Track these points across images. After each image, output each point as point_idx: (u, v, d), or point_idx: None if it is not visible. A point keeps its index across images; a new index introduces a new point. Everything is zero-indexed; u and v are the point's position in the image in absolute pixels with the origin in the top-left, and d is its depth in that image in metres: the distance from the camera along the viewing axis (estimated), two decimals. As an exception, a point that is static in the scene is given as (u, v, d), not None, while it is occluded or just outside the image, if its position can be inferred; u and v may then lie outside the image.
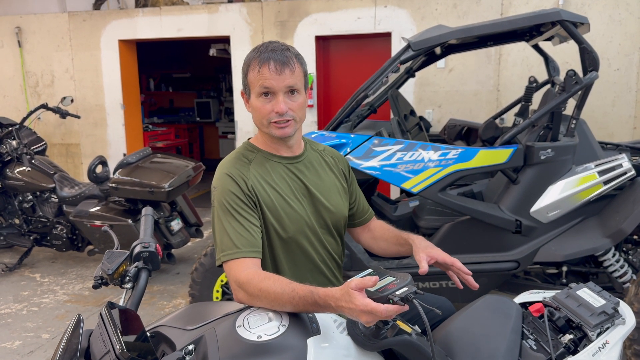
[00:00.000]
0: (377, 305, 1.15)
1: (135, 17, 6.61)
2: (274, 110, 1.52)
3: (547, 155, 2.91)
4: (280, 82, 1.50)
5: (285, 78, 1.50)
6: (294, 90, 1.54)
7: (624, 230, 2.76)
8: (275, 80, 1.50)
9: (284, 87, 1.51)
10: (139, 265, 1.36)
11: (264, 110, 1.53)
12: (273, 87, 1.50)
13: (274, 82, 1.50)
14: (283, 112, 1.51)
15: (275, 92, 1.51)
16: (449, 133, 4.74)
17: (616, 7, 5.17)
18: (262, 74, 1.50)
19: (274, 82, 1.50)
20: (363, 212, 1.84)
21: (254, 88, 1.54)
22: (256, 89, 1.53)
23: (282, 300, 1.29)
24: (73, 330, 1.22)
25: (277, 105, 1.51)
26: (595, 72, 2.86)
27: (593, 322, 1.48)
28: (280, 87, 1.50)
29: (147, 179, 4.44)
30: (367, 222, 1.87)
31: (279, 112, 1.51)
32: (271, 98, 1.52)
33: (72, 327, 1.24)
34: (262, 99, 1.53)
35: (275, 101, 1.51)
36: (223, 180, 1.52)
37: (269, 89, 1.51)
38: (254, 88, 1.53)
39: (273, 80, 1.50)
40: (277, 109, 1.51)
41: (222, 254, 1.46)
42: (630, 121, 5.33)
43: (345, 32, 5.93)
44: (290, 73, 1.52)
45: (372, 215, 1.89)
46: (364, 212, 1.84)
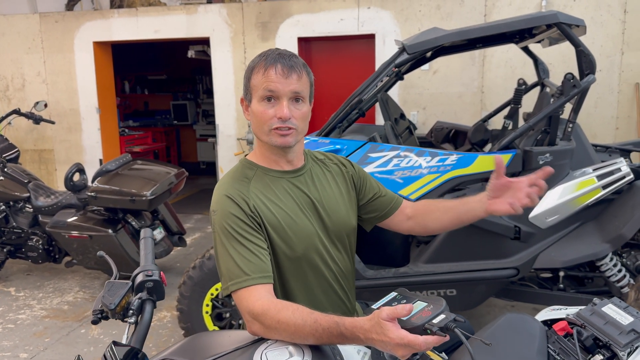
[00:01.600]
0: (414, 338, 1.04)
1: (110, 18, 6.39)
2: (276, 116, 1.41)
3: (545, 160, 2.86)
4: (285, 86, 1.40)
5: (292, 83, 1.41)
6: (299, 98, 1.44)
7: (624, 235, 2.73)
8: (281, 83, 1.40)
9: (289, 92, 1.41)
10: (142, 297, 1.23)
11: (266, 116, 1.42)
12: (278, 90, 1.40)
13: (279, 85, 1.40)
14: (286, 118, 1.40)
15: (280, 97, 1.41)
16: (436, 136, 4.68)
17: (598, 9, 5.20)
18: (267, 76, 1.40)
19: (280, 86, 1.40)
20: (391, 199, 1.71)
21: (256, 92, 1.43)
22: (259, 93, 1.42)
23: (303, 332, 1.18)
24: (72, 373, 1.09)
25: (280, 110, 1.40)
26: (592, 75, 2.82)
27: (623, 342, 1.41)
28: (285, 91, 1.40)
29: (127, 187, 4.27)
30: (399, 206, 1.72)
31: (282, 117, 1.40)
32: (274, 103, 1.42)
33: (72, 370, 1.11)
34: (265, 104, 1.42)
35: (278, 106, 1.41)
36: (223, 203, 1.40)
37: (274, 93, 1.40)
38: (257, 92, 1.43)
39: (279, 83, 1.39)
40: (279, 114, 1.40)
41: (231, 282, 1.34)
42: (612, 122, 5.37)
43: (328, 33, 5.84)
44: (297, 78, 1.42)
45: (402, 200, 1.75)
46: (392, 199, 1.71)
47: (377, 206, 1.69)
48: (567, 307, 1.64)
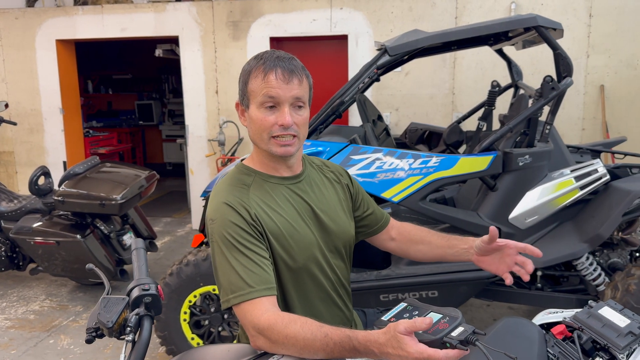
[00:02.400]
0: (434, 352, 1.01)
1: (74, 15, 6.17)
2: (277, 123, 1.36)
3: (525, 162, 2.90)
4: (287, 91, 1.35)
5: (293, 88, 1.35)
6: (300, 104, 1.39)
7: (602, 235, 2.78)
8: (282, 89, 1.34)
9: (290, 97, 1.35)
10: (140, 313, 1.15)
11: (266, 123, 1.36)
12: (279, 96, 1.34)
13: (280, 91, 1.34)
14: (288, 125, 1.35)
15: (281, 103, 1.36)
16: (410, 137, 4.70)
17: (564, 13, 5.32)
18: (267, 82, 1.34)
19: (281, 92, 1.34)
20: (380, 217, 1.70)
21: (255, 97, 1.37)
22: (258, 99, 1.36)
23: (313, 347, 1.14)
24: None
25: (281, 117, 1.35)
26: (569, 78, 2.87)
27: (621, 344, 1.42)
28: (286, 97, 1.35)
29: (96, 190, 4.12)
30: (387, 225, 1.72)
31: (283, 124, 1.35)
32: (275, 110, 1.36)
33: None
34: (265, 110, 1.36)
35: (279, 113, 1.36)
36: (222, 211, 1.33)
37: (275, 99, 1.35)
38: (256, 97, 1.37)
39: (280, 89, 1.34)
40: (281, 121, 1.35)
41: (233, 295, 1.27)
42: (579, 123, 5.51)
43: (300, 34, 5.79)
44: (298, 83, 1.37)
45: (389, 218, 1.74)
46: (381, 217, 1.70)
47: (368, 222, 1.68)
48: (563, 311, 1.64)
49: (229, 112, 6.14)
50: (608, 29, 5.29)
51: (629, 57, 5.29)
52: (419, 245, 1.68)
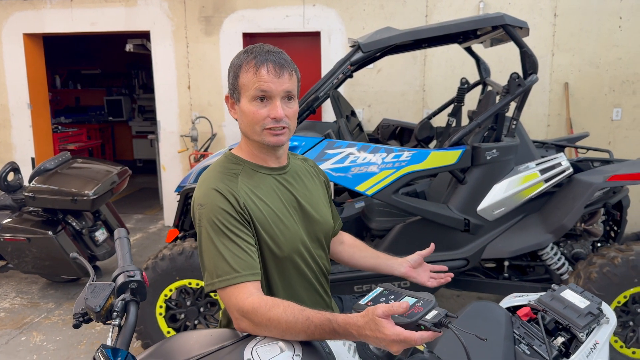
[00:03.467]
0: (410, 334, 1.06)
1: (42, 9, 6.05)
2: (269, 116, 1.40)
3: (492, 156, 3.00)
4: (278, 85, 1.39)
5: (284, 82, 1.40)
6: (290, 97, 1.43)
7: (566, 225, 2.91)
8: (273, 83, 1.39)
9: (282, 91, 1.40)
10: (126, 298, 1.19)
11: (259, 116, 1.41)
12: (271, 90, 1.39)
13: (272, 85, 1.38)
14: (280, 118, 1.40)
15: (273, 97, 1.40)
16: (382, 133, 4.78)
17: (531, 12, 5.48)
18: (259, 76, 1.38)
19: (272, 86, 1.39)
20: (336, 218, 1.77)
21: (247, 91, 1.41)
22: (250, 93, 1.40)
23: (295, 329, 1.19)
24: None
25: (273, 110, 1.39)
26: (535, 75, 2.99)
27: (582, 324, 1.52)
28: (278, 91, 1.39)
29: (68, 186, 4.09)
30: (338, 231, 1.81)
31: (276, 117, 1.40)
32: (267, 103, 1.41)
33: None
34: (257, 104, 1.41)
35: (271, 106, 1.40)
36: (211, 197, 1.37)
37: (266, 93, 1.39)
38: (248, 91, 1.41)
39: (271, 83, 1.38)
40: (273, 114, 1.39)
41: (218, 279, 1.31)
42: (545, 119, 5.69)
43: (273, 30, 5.81)
44: (289, 77, 1.41)
45: (341, 224, 1.83)
46: (337, 219, 1.78)
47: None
48: (528, 294, 1.74)
49: (201, 108, 6.12)
50: (572, 29, 5.47)
51: (591, 56, 5.49)
52: (362, 253, 1.81)
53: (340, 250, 1.82)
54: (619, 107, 5.57)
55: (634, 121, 5.56)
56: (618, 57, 5.47)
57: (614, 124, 5.60)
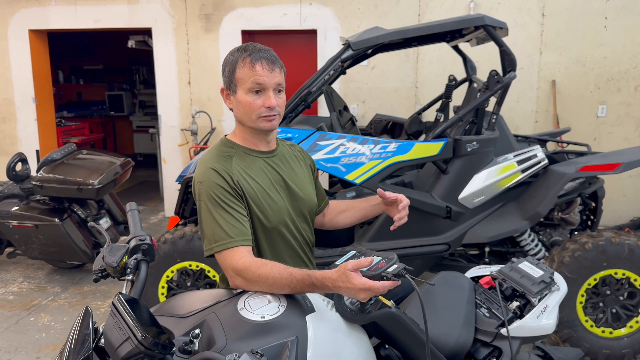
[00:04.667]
0: (374, 283, 1.29)
1: (47, 5, 6.25)
2: (264, 105, 1.62)
3: (472, 148, 3.21)
4: (271, 79, 1.61)
5: (276, 76, 1.63)
6: (280, 89, 1.66)
7: (540, 212, 3.12)
8: (267, 77, 1.61)
9: (274, 83, 1.62)
10: (138, 257, 1.40)
11: (255, 105, 1.62)
12: (265, 83, 1.60)
13: (266, 79, 1.60)
14: (274, 107, 1.62)
15: (266, 89, 1.62)
16: (375, 127, 4.99)
17: (519, 12, 5.69)
18: (255, 71, 1.60)
19: (266, 79, 1.60)
20: (322, 198, 1.99)
21: (243, 84, 1.62)
22: (247, 85, 1.62)
23: (280, 284, 1.40)
24: (82, 321, 1.25)
25: (267, 100, 1.61)
26: (513, 72, 3.19)
27: (535, 290, 1.73)
28: (271, 83, 1.62)
29: (74, 176, 4.29)
30: (326, 206, 2.02)
31: (270, 106, 1.61)
32: (261, 94, 1.62)
33: (81, 318, 1.27)
34: (252, 95, 1.62)
35: (265, 96, 1.62)
36: (209, 175, 1.58)
37: (261, 85, 1.61)
38: (244, 84, 1.62)
39: (266, 77, 1.60)
40: (268, 103, 1.61)
41: (216, 244, 1.52)
42: (532, 115, 5.90)
43: (271, 27, 6.02)
44: (279, 71, 1.64)
45: (328, 201, 2.04)
46: (322, 199, 1.99)
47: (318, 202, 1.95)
48: (491, 266, 1.95)
49: (201, 103, 6.33)
50: (559, 28, 5.68)
51: (578, 55, 5.70)
52: (344, 213, 2.00)
53: (324, 222, 2.02)
54: (604, 104, 5.78)
55: (618, 118, 5.78)
56: (603, 56, 5.68)
57: (599, 121, 5.81)
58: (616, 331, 3.14)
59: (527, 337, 1.68)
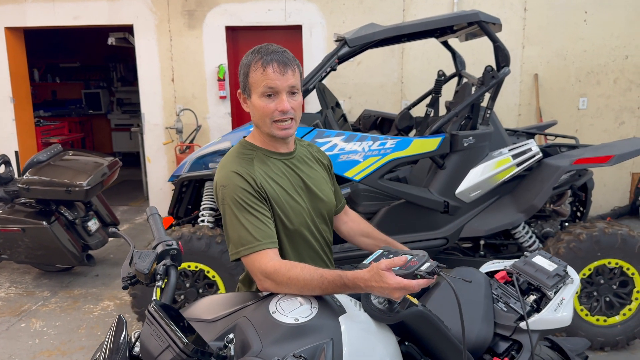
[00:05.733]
0: (409, 282, 1.30)
1: (24, 3, 6.08)
2: (277, 109, 1.58)
3: (469, 142, 3.25)
4: (283, 82, 1.57)
5: (288, 78, 1.58)
6: (294, 91, 1.62)
7: (535, 205, 3.18)
8: (279, 80, 1.57)
9: (287, 86, 1.58)
10: (167, 263, 1.38)
11: (267, 110, 1.59)
12: (277, 86, 1.57)
13: (278, 82, 1.57)
14: (287, 110, 1.58)
15: (279, 92, 1.58)
16: (364, 123, 5.00)
17: (502, 7, 5.76)
18: (266, 74, 1.57)
19: (278, 82, 1.57)
20: (340, 199, 1.97)
21: (256, 88, 1.59)
22: (259, 89, 1.59)
23: (311, 285, 1.40)
24: (116, 331, 1.23)
25: (280, 104, 1.58)
26: (507, 68, 3.24)
27: (550, 284, 1.76)
28: (283, 86, 1.58)
29: (61, 177, 4.21)
30: (342, 209, 2.00)
31: (283, 110, 1.58)
32: (274, 98, 1.59)
33: (115, 328, 1.24)
34: (265, 99, 1.59)
35: (278, 100, 1.59)
36: (232, 179, 1.56)
37: (273, 89, 1.57)
38: (257, 88, 1.59)
39: (277, 80, 1.56)
40: (280, 107, 1.58)
41: (243, 248, 1.50)
42: (515, 109, 5.99)
43: (255, 23, 5.97)
44: (292, 73, 1.60)
45: (345, 202, 2.03)
46: (340, 200, 1.98)
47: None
48: (503, 261, 1.98)
49: (185, 100, 6.25)
50: (541, 22, 5.77)
51: (559, 48, 5.80)
52: (364, 238, 1.99)
53: (343, 230, 2.00)
54: (584, 97, 5.90)
55: (598, 110, 5.91)
56: (584, 50, 5.80)
57: (580, 113, 5.93)
58: (610, 319, 3.23)
59: (545, 330, 1.72)
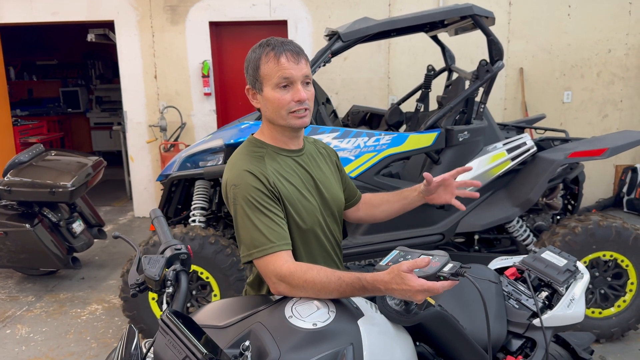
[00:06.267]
0: (432, 284, 1.24)
1: (-1, -2, 5.89)
2: (293, 100, 1.53)
3: (464, 137, 3.23)
4: (298, 71, 1.52)
5: (302, 67, 1.53)
6: (308, 81, 1.57)
7: (531, 199, 3.18)
8: (294, 69, 1.51)
9: (301, 76, 1.53)
10: (177, 269, 1.31)
11: (284, 101, 1.53)
12: (293, 76, 1.51)
13: (293, 71, 1.51)
14: (304, 100, 1.53)
15: (294, 82, 1.53)
16: (352, 119, 4.95)
17: (488, 1, 5.76)
18: (280, 64, 1.51)
19: (294, 72, 1.51)
20: (354, 193, 1.93)
21: (270, 80, 1.53)
22: (274, 81, 1.53)
23: (328, 288, 1.34)
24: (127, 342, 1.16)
25: (296, 93, 1.52)
26: (501, 61, 3.22)
27: (561, 279, 1.74)
28: (298, 76, 1.52)
29: (44, 178, 4.08)
30: (359, 201, 1.95)
31: (300, 99, 1.53)
32: (289, 88, 1.53)
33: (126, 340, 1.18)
34: (280, 90, 1.53)
35: (294, 90, 1.53)
36: (244, 177, 1.50)
37: (289, 79, 1.52)
38: (271, 80, 1.53)
39: (292, 70, 1.51)
40: (297, 97, 1.52)
41: (256, 250, 1.44)
42: (501, 103, 6.01)
43: (240, 18, 5.88)
44: (305, 63, 1.55)
45: (361, 194, 1.98)
46: (354, 193, 1.93)
47: (346, 196, 1.90)
48: (512, 257, 1.95)
49: (169, 97, 6.13)
50: (525, 17, 5.79)
51: (543, 42, 5.83)
52: (381, 207, 1.94)
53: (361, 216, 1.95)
54: (569, 90, 5.95)
55: (582, 103, 5.96)
56: (567, 43, 5.84)
57: (565, 106, 5.98)
58: (605, 311, 3.25)
59: (558, 327, 1.70)
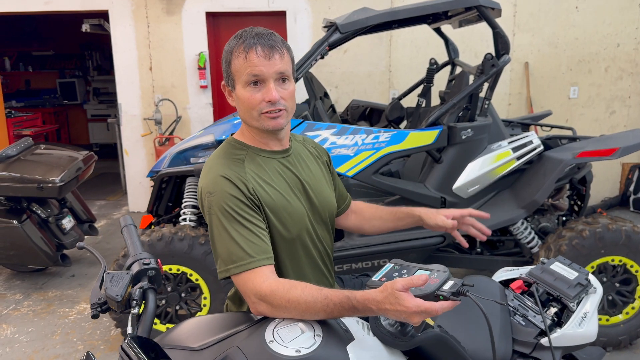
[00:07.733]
0: (431, 305, 1.10)
1: (-10, -14, 5.73)
2: (264, 100, 1.38)
3: (467, 135, 3.08)
4: (270, 67, 1.36)
5: (275, 63, 1.37)
6: (284, 78, 1.41)
7: (537, 200, 3.03)
8: (264, 66, 1.36)
9: (274, 73, 1.37)
10: (144, 286, 1.17)
11: (254, 101, 1.38)
12: (263, 73, 1.36)
13: (263, 68, 1.36)
14: (275, 100, 1.37)
15: (265, 80, 1.37)
16: (352, 114, 4.81)
17: (493, -7, 5.58)
18: (249, 60, 1.36)
19: (264, 69, 1.36)
20: (344, 198, 1.79)
21: (240, 77, 1.39)
22: (243, 78, 1.38)
23: (314, 309, 1.20)
24: (83, 371, 1.03)
25: (267, 93, 1.37)
26: (507, 55, 3.06)
27: (572, 294, 1.60)
28: (270, 73, 1.37)
29: (32, 173, 3.94)
30: (349, 207, 1.81)
31: (271, 100, 1.37)
32: (260, 87, 1.38)
33: (82, 367, 1.04)
34: (251, 89, 1.38)
35: (265, 89, 1.38)
36: (220, 184, 1.35)
37: (259, 76, 1.37)
38: (240, 77, 1.38)
39: (262, 66, 1.36)
40: (268, 97, 1.37)
41: (233, 265, 1.30)
42: (506, 98, 5.85)
43: (237, 9, 5.71)
44: (279, 58, 1.38)
45: (351, 199, 1.84)
46: (344, 198, 1.79)
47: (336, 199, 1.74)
48: (518, 268, 1.81)
49: (164, 90, 5.98)
50: (531, 10, 5.61)
51: (550, 36, 5.66)
52: (372, 222, 1.82)
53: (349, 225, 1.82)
54: (575, 86, 5.78)
55: (589, 99, 5.79)
56: (575, 37, 5.66)
57: (571, 102, 5.81)
58: (613, 318, 3.11)
59: (568, 347, 1.55)
